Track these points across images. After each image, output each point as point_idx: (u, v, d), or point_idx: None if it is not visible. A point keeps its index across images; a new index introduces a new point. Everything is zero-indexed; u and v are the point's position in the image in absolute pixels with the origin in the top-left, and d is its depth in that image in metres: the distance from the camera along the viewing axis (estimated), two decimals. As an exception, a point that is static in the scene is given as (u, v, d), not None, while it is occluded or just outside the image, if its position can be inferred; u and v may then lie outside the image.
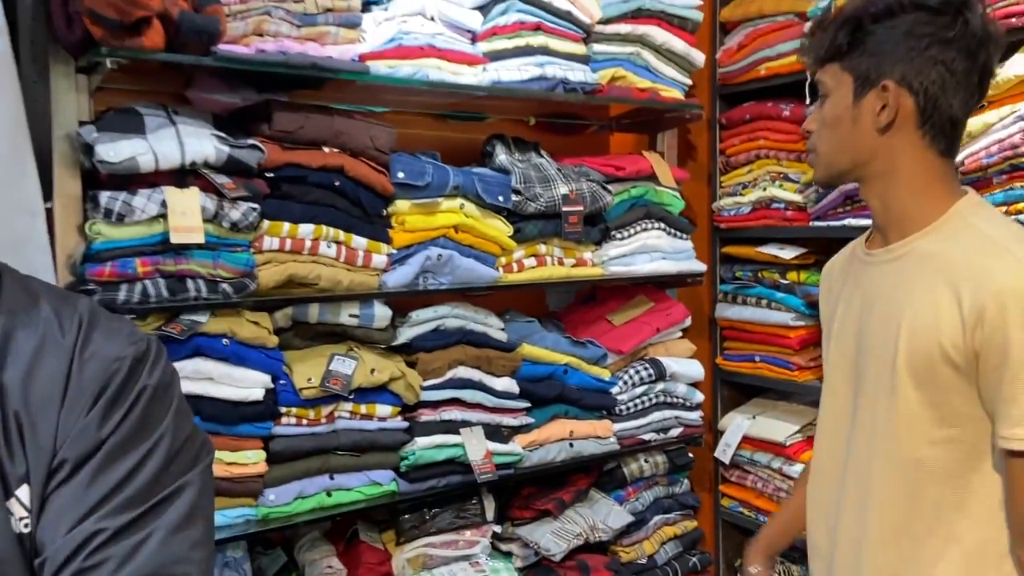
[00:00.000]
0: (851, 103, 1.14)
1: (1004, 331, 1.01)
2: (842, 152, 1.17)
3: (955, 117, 1.12)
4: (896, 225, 1.16)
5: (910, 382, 1.10)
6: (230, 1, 1.59)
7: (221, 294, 1.60)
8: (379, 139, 1.81)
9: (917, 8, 1.09)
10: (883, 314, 1.15)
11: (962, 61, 1.08)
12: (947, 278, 1.07)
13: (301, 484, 1.73)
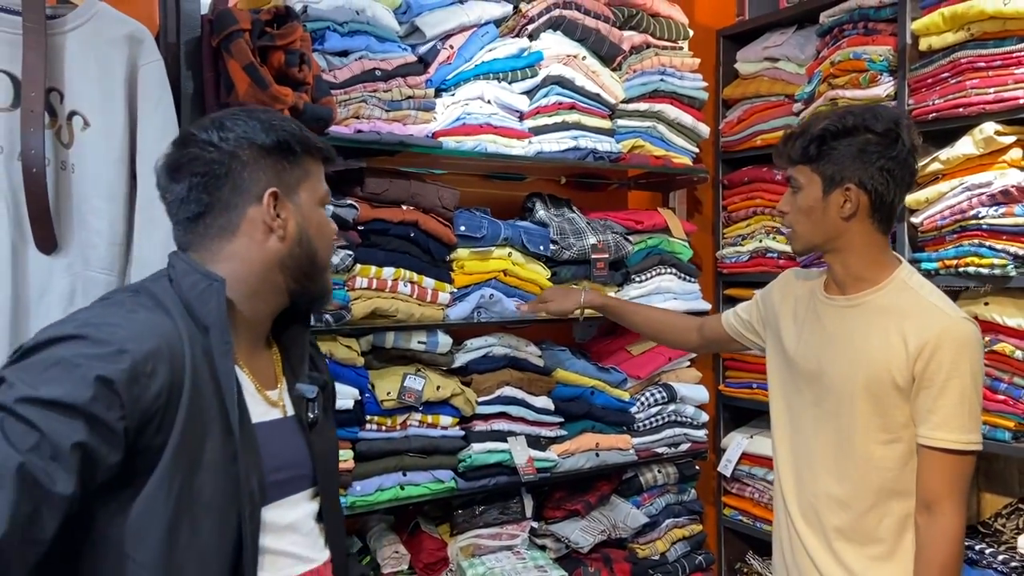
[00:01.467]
0: (821, 197, 1.52)
1: (936, 363, 1.42)
2: (815, 233, 1.55)
3: (894, 207, 1.52)
4: (853, 282, 1.56)
5: (867, 400, 1.49)
6: (337, 92, 2.02)
7: (323, 323, 2.00)
8: (445, 199, 2.22)
9: (867, 131, 1.48)
10: (845, 348, 1.53)
11: (899, 168, 1.48)
12: (897, 326, 1.47)
13: (380, 479, 2.11)
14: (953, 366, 1.41)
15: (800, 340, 1.65)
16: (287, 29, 1.87)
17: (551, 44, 2.40)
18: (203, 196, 1.11)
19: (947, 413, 1.42)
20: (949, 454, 1.43)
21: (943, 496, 1.44)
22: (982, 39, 2.09)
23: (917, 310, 1.47)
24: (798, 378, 1.64)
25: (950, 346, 1.41)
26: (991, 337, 2.10)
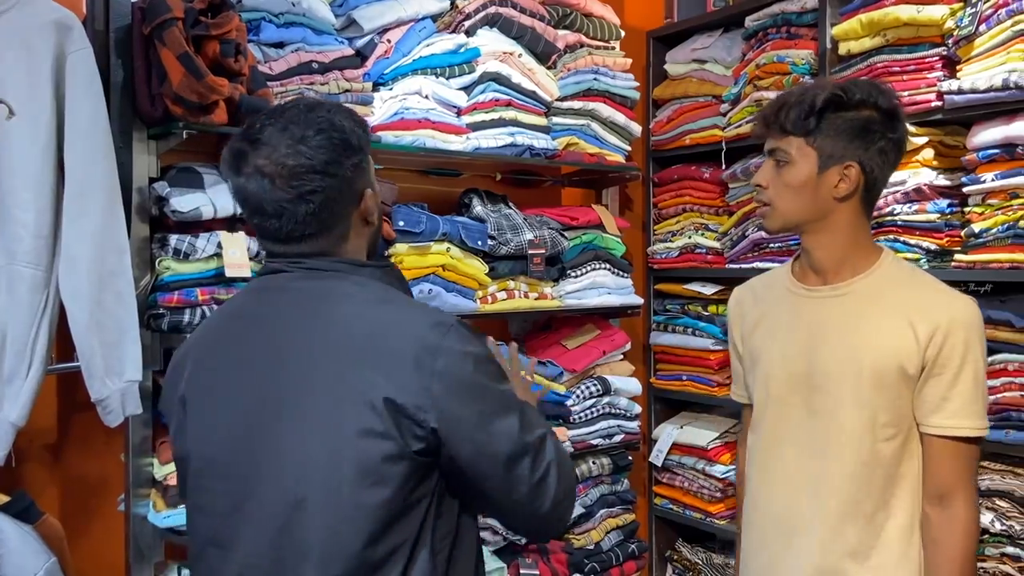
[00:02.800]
0: (815, 174, 1.37)
1: (949, 347, 1.32)
2: (801, 211, 1.40)
3: (879, 193, 1.45)
4: (835, 269, 1.42)
5: (875, 392, 1.35)
6: (273, 85, 1.99)
7: (261, 318, 1.97)
8: (384, 194, 2.21)
9: (873, 107, 1.36)
10: (841, 340, 1.39)
11: (895, 153, 1.40)
12: (901, 311, 1.35)
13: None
14: (967, 349, 1.32)
15: (780, 344, 1.48)
16: (222, 18, 1.84)
17: (488, 41, 2.41)
18: (323, 215, 1.12)
19: (965, 399, 1.32)
20: (963, 442, 1.33)
21: (958, 487, 1.33)
22: (897, 45, 2.21)
23: (919, 293, 1.38)
24: (783, 387, 1.46)
25: (962, 328, 1.32)
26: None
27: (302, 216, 1.11)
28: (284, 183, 1.09)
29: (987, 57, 2.03)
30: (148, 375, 1.86)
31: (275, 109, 1.16)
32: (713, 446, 2.75)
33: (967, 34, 2.05)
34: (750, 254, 2.62)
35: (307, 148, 1.10)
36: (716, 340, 2.75)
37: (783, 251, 2.50)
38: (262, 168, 1.10)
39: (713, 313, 2.76)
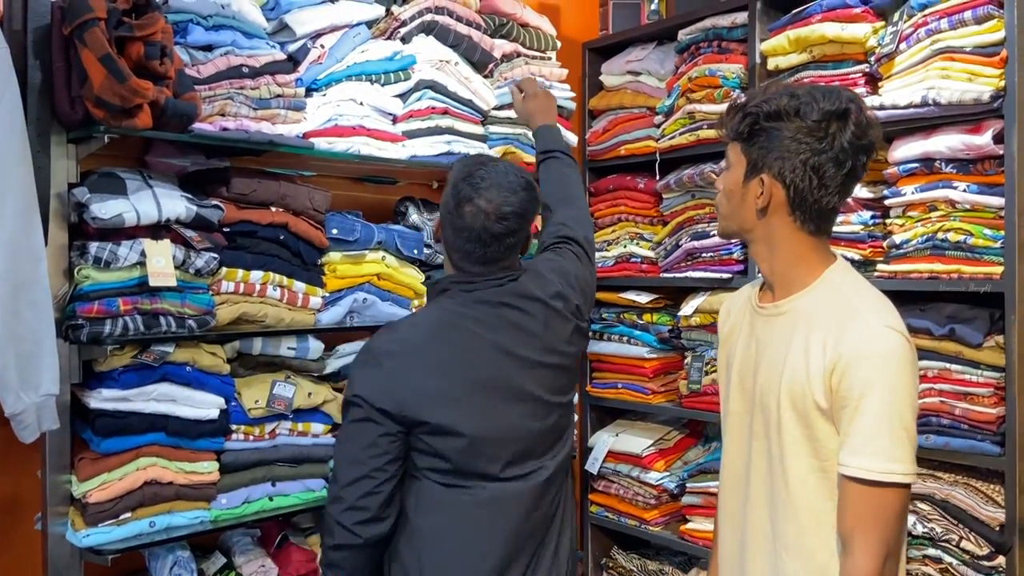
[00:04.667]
0: (741, 182, 1.35)
1: (851, 378, 1.22)
2: (731, 219, 1.39)
3: (823, 209, 1.32)
4: (780, 284, 1.37)
5: (792, 418, 1.30)
6: (201, 88, 1.93)
7: (187, 329, 1.91)
8: (317, 201, 2.17)
9: (798, 117, 1.29)
10: (770, 361, 1.35)
11: (831, 167, 1.29)
12: (816, 334, 1.27)
13: (248, 490, 2.03)
14: (866, 382, 1.22)
15: (739, 358, 1.46)
16: (147, 19, 1.79)
17: (423, 48, 2.40)
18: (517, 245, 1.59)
19: (863, 436, 1.22)
20: (864, 485, 1.22)
21: (855, 534, 1.23)
22: (823, 61, 2.27)
23: (836, 317, 1.28)
24: (738, 404, 1.45)
25: (864, 359, 1.23)
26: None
27: (506, 246, 1.54)
28: (497, 221, 1.51)
29: (907, 74, 2.10)
30: (66, 389, 1.79)
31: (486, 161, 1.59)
32: (648, 453, 2.78)
33: (888, 52, 2.12)
34: (683, 263, 2.66)
35: (517, 199, 1.52)
36: (651, 348, 2.78)
37: (715, 261, 2.55)
38: (484, 208, 1.51)
39: (648, 322, 2.79)
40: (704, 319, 2.56)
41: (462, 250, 1.55)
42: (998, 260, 1.96)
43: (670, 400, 2.77)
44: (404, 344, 1.52)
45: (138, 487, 1.86)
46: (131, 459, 1.86)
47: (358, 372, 1.52)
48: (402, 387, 1.47)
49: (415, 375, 1.48)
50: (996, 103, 1.94)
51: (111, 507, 1.82)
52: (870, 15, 2.17)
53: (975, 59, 1.99)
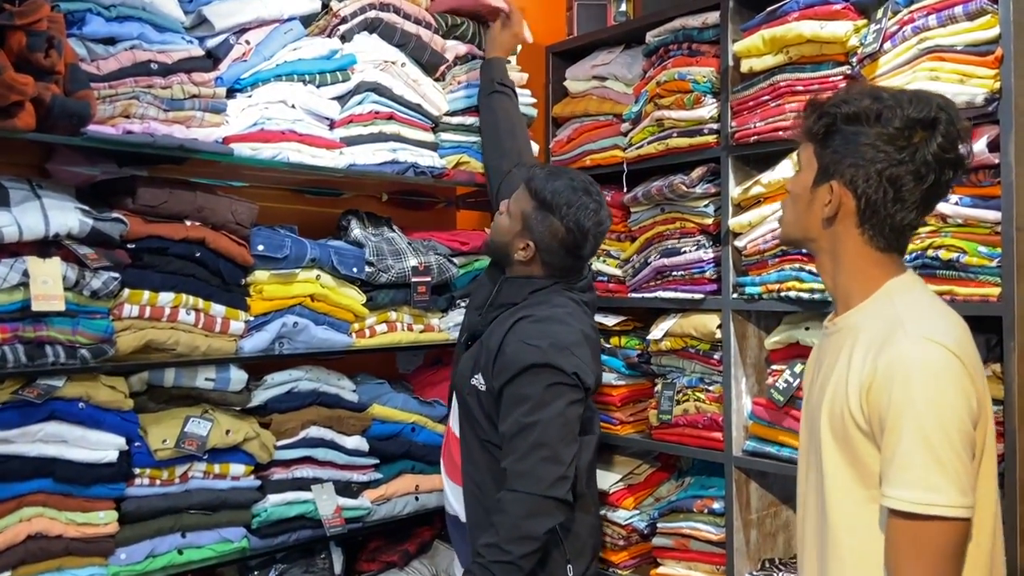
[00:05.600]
0: (810, 187, 1.26)
1: (886, 396, 1.12)
2: (795, 225, 1.31)
3: (896, 224, 1.21)
4: (842, 300, 1.28)
5: (832, 445, 1.21)
6: (100, 86, 1.71)
7: (79, 360, 1.67)
8: (240, 214, 1.95)
9: (879, 123, 1.18)
10: (821, 383, 1.27)
11: (910, 182, 1.18)
12: (859, 349, 1.19)
13: (153, 543, 1.80)
14: (903, 401, 1.10)
15: (807, 386, 1.38)
16: (29, 6, 1.57)
17: (366, 48, 2.19)
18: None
19: (900, 463, 1.10)
20: (908, 519, 1.10)
21: (896, 573, 1.12)
22: (800, 63, 2.08)
23: (881, 329, 1.18)
24: (803, 434, 1.36)
25: (899, 374, 1.11)
26: (812, 363, 2.08)
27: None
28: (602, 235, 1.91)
29: (892, 76, 1.91)
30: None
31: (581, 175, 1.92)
32: (615, 490, 2.55)
33: (871, 52, 1.93)
34: (653, 282, 2.44)
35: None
36: (619, 375, 2.56)
37: (686, 280, 2.34)
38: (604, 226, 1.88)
39: (615, 345, 2.57)
40: (675, 343, 2.35)
41: (573, 255, 1.85)
42: (994, 280, 1.76)
43: (639, 431, 2.55)
44: (576, 332, 1.78)
45: (20, 542, 1.62)
46: (12, 509, 1.62)
47: (565, 358, 1.70)
48: (590, 369, 1.76)
49: (589, 356, 1.78)
50: (991, 107, 1.74)
51: (-17, 567, 1.57)
52: (851, 12, 1.98)
53: (967, 59, 1.81)
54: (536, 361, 1.69)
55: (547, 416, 1.66)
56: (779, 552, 2.33)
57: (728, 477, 2.20)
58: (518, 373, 1.70)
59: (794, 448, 2.08)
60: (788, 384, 2.09)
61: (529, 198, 1.83)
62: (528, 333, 1.74)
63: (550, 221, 1.81)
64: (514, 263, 1.88)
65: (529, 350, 1.71)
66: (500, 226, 1.89)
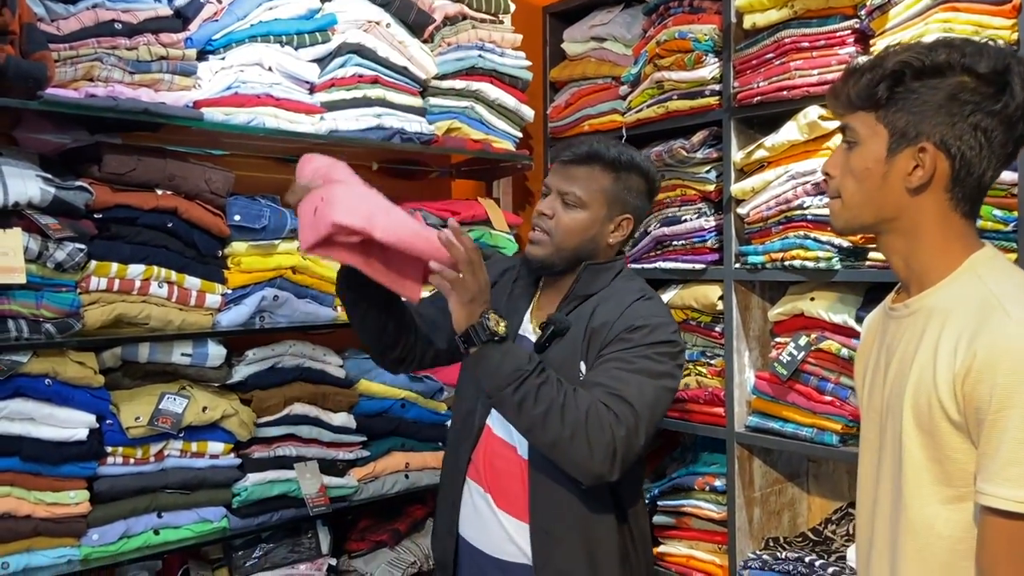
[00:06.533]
0: (884, 158, 1.11)
1: (987, 385, 1.01)
2: (867, 206, 1.14)
3: (984, 183, 1.11)
4: (916, 281, 1.15)
5: (916, 438, 1.09)
6: (59, 47, 1.62)
7: (44, 334, 1.60)
8: (215, 183, 1.86)
9: (965, 72, 1.07)
10: (897, 369, 1.15)
11: (1001, 132, 1.08)
12: (948, 333, 1.07)
13: (127, 523, 1.74)
14: (1006, 390, 1.00)
15: (869, 375, 1.24)
16: (-22, -40, 1.47)
17: (347, 7, 2.09)
18: None
19: (1002, 459, 1.00)
20: (1002, 517, 1.01)
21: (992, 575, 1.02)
22: (806, 17, 1.96)
23: (974, 311, 1.06)
24: (868, 427, 1.23)
25: (1003, 361, 1.00)
26: (818, 334, 1.98)
27: None
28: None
29: (903, 29, 1.79)
30: None
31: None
32: (615, 467, 2.47)
33: (880, 4, 1.81)
34: (652, 253, 2.34)
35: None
36: (618, 349, 2.47)
37: (687, 249, 2.23)
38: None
39: (614, 319, 2.48)
40: (677, 316, 2.25)
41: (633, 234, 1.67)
42: (1010, 246, 1.65)
43: (640, 407, 2.46)
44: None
45: (-15, 523, 1.56)
46: (-24, 490, 1.56)
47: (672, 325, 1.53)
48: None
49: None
50: (1010, 58, 1.62)
51: (-52, 548, 1.52)
52: (860, -40, 1.86)
53: (982, 8, 1.70)
54: (673, 338, 1.50)
55: (663, 385, 1.45)
56: (783, 531, 2.24)
57: (730, 453, 2.12)
58: (656, 328, 1.47)
59: (798, 424, 1.99)
60: (792, 357, 1.99)
61: (603, 172, 1.54)
62: (653, 310, 1.52)
63: (635, 182, 1.57)
64: (602, 251, 1.58)
65: (665, 323, 1.50)
66: (576, 223, 1.53)
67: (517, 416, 1.34)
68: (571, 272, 1.57)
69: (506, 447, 1.52)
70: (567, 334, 1.50)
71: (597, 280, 1.57)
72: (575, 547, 1.47)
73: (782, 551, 2.06)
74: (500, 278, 1.66)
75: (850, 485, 2.27)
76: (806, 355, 1.98)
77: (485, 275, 1.36)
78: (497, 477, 1.52)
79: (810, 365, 1.98)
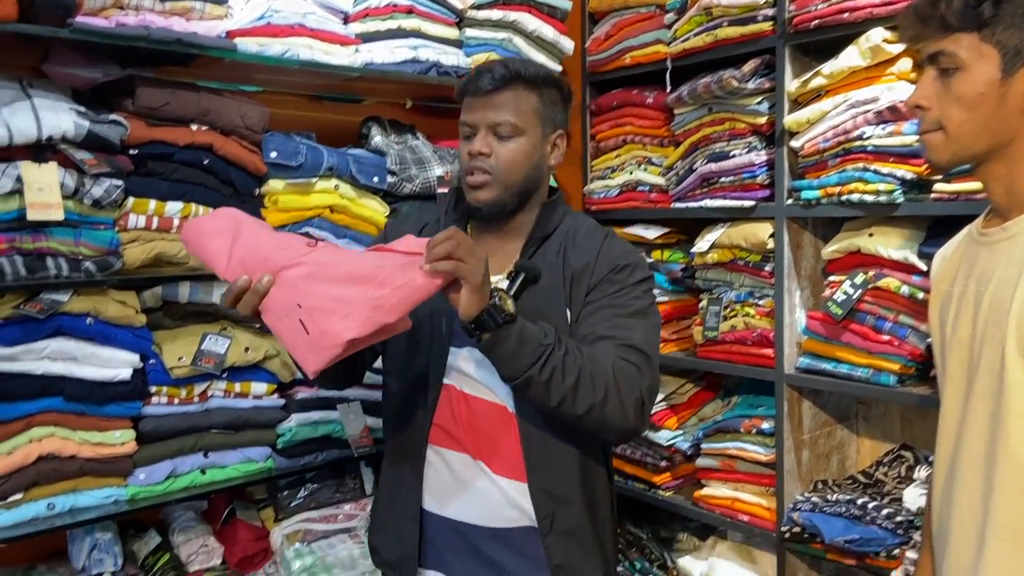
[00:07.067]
0: (998, 80, 1.05)
1: None
2: (982, 134, 1.08)
3: None
4: (1019, 205, 1.09)
5: (1021, 367, 1.04)
6: (89, -27, 1.56)
7: (84, 272, 1.57)
8: (250, 118, 1.80)
9: None
10: (994, 296, 1.09)
11: None
12: None
13: (174, 463, 1.73)
14: None
15: (954, 306, 1.17)
16: None
17: (381, -68, 1.99)
18: None
19: None
20: None
21: None
22: (868, -70, 1.84)
23: None
24: (956, 362, 1.16)
25: None
26: (876, 272, 1.90)
27: None
28: None
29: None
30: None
31: None
32: (658, 410, 2.43)
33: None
34: (698, 191, 2.26)
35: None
36: (662, 291, 2.41)
37: (736, 186, 2.15)
38: None
39: (658, 260, 2.41)
40: (723, 255, 2.18)
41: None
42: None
43: (683, 349, 2.41)
44: None
45: (31, 463, 1.55)
46: (20, 429, 1.55)
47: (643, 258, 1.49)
48: None
49: None
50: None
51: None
52: None
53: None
54: (650, 273, 1.45)
55: (655, 323, 1.41)
56: (832, 473, 2.20)
57: (779, 395, 2.06)
58: (636, 267, 1.42)
59: (853, 364, 1.92)
60: (847, 296, 1.91)
61: (527, 91, 1.39)
62: (625, 247, 1.46)
63: (554, 95, 1.43)
64: (545, 176, 1.47)
65: (639, 258, 1.45)
66: (518, 153, 1.38)
67: (546, 393, 1.23)
68: (515, 212, 1.43)
69: (488, 406, 1.37)
70: (539, 281, 1.36)
71: (552, 219, 1.46)
72: (578, 506, 1.39)
73: (832, 493, 2.02)
74: (421, 232, 1.44)
75: (903, 427, 2.21)
76: (863, 293, 1.90)
77: (480, 252, 1.18)
78: (485, 439, 1.37)
79: (867, 304, 1.90)
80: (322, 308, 1.10)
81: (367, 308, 1.10)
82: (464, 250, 1.14)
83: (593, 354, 1.27)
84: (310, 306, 1.10)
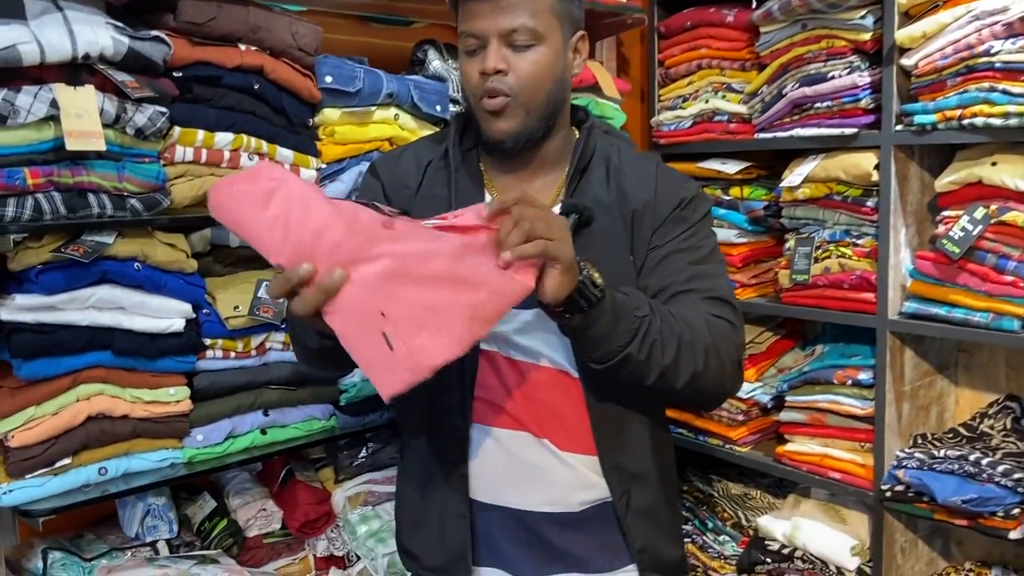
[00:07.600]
0: None
1: None
2: None
3: None
4: None
5: None
6: None
7: (129, 211, 1.40)
8: (303, 37, 1.60)
9: None
10: None
11: None
12: None
13: (232, 422, 1.57)
14: None
15: None
16: None
17: None
18: None
19: None
20: None
21: None
22: None
23: None
24: None
25: None
26: (999, 205, 1.70)
27: None
28: None
29: None
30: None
31: None
32: (734, 360, 2.26)
33: None
34: (788, 119, 2.05)
35: None
36: (740, 231, 2.22)
37: (833, 112, 1.94)
38: None
39: (736, 197, 2.22)
40: (817, 190, 1.98)
41: None
42: None
43: (763, 294, 2.23)
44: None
45: (80, 424, 1.40)
46: (67, 387, 1.39)
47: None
48: None
49: None
50: None
51: (42, 452, 1.35)
52: None
53: None
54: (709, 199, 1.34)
55: (724, 260, 1.31)
56: (931, 427, 2.03)
57: (881, 344, 1.88)
58: (696, 198, 1.26)
59: (970, 308, 1.74)
60: (966, 232, 1.72)
61: None
62: (678, 175, 1.31)
63: None
64: (569, 95, 1.23)
65: (694, 184, 1.31)
66: (540, 66, 1.14)
67: (644, 371, 1.06)
68: (542, 141, 1.20)
69: (548, 373, 1.18)
70: (592, 223, 1.16)
71: (589, 144, 1.23)
72: (652, 480, 1.23)
73: (936, 448, 1.85)
74: (424, 174, 1.25)
75: (1007, 375, 2.03)
76: (983, 229, 1.71)
77: (560, 219, 0.99)
78: (547, 412, 1.18)
79: (987, 241, 1.71)
80: (411, 319, 0.89)
81: (462, 320, 0.90)
82: (543, 224, 0.93)
83: (685, 315, 1.10)
84: (397, 316, 0.88)
